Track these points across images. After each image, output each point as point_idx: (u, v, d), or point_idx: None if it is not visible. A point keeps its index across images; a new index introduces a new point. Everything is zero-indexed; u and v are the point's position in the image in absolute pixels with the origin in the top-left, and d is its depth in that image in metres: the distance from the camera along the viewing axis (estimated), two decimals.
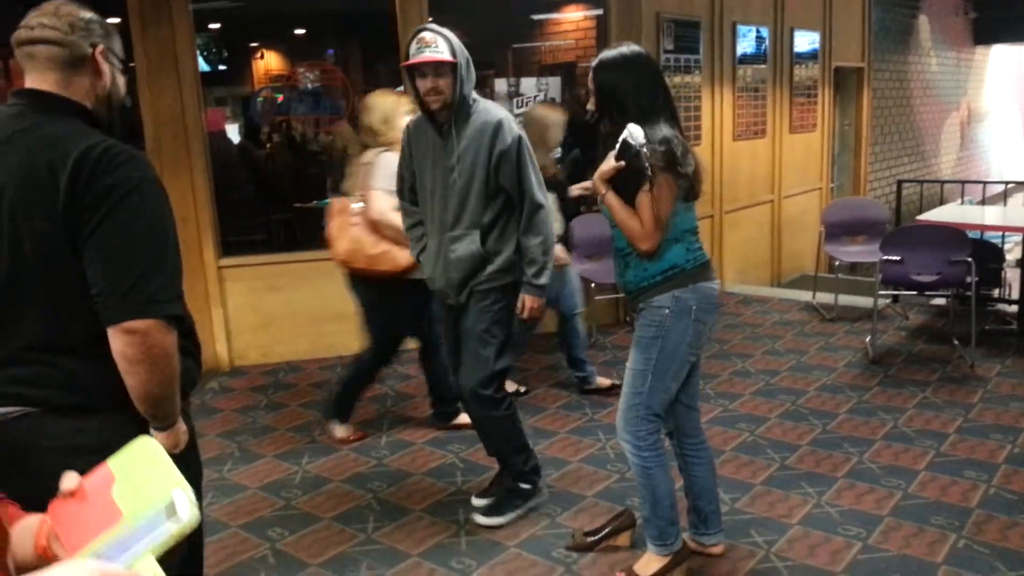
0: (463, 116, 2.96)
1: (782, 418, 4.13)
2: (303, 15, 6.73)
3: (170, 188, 5.33)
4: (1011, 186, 9.10)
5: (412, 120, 3.17)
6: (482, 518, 3.21)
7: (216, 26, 6.44)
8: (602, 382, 4.53)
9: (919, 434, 3.87)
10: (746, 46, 6.98)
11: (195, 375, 1.86)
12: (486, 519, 3.20)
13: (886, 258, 4.90)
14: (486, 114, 2.98)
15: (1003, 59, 15.07)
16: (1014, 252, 7.26)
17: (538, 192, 3.01)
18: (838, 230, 6.26)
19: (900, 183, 7.10)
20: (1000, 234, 6.22)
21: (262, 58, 7.12)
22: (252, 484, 3.63)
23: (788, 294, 6.89)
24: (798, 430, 3.98)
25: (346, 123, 6.13)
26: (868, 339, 5.21)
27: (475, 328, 3.07)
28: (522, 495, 3.27)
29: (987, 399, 4.27)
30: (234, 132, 6.85)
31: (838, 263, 6.26)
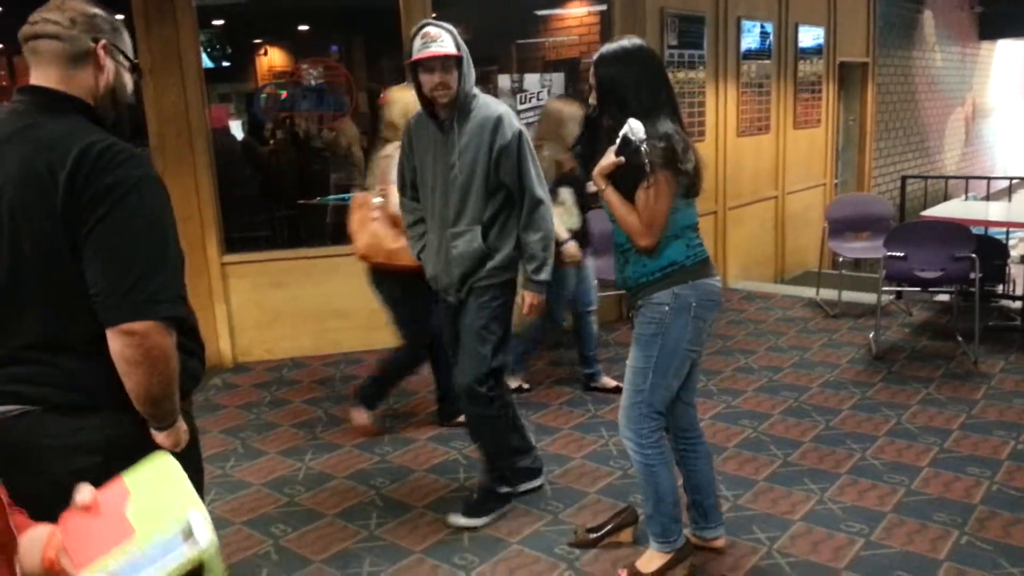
0: (464, 112, 2.95)
1: (785, 414, 4.13)
2: (307, 11, 6.73)
3: (173, 185, 5.37)
4: (1016, 182, 9.10)
5: (412, 117, 3.16)
6: (461, 519, 3.18)
7: (220, 23, 6.44)
8: (607, 382, 4.52)
9: (922, 430, 3.87)
10: (750, 41, 6.97)
11: (198, 374, 1.85)
12: (465, 520, 3.18)
13: (890, 254, 4.89)
14: (486, 109, 2.97)
15: (1008, 54, 15.02)
16: (1018, 248, 7.26)
17: (538, 187, 3.00)
18: (842, 226, 6.25)
19: (904, 179, 7.08)
20: (1004, 230, 6.20)
21: (266, 54, 7.13)
22: (255, 480, 3.65)
23: (792, 290, 6.88)
24: (801, 426, 3.98)
25: (349, 119, 6.14)
26: (871, 335, 5.20)
27: (473, 325, 3.06)
28: (500, 498, 3.25)
29: (991, 395, 4.27)
30: (238, 129, 6.86)
31: (842, 259, 6.26)
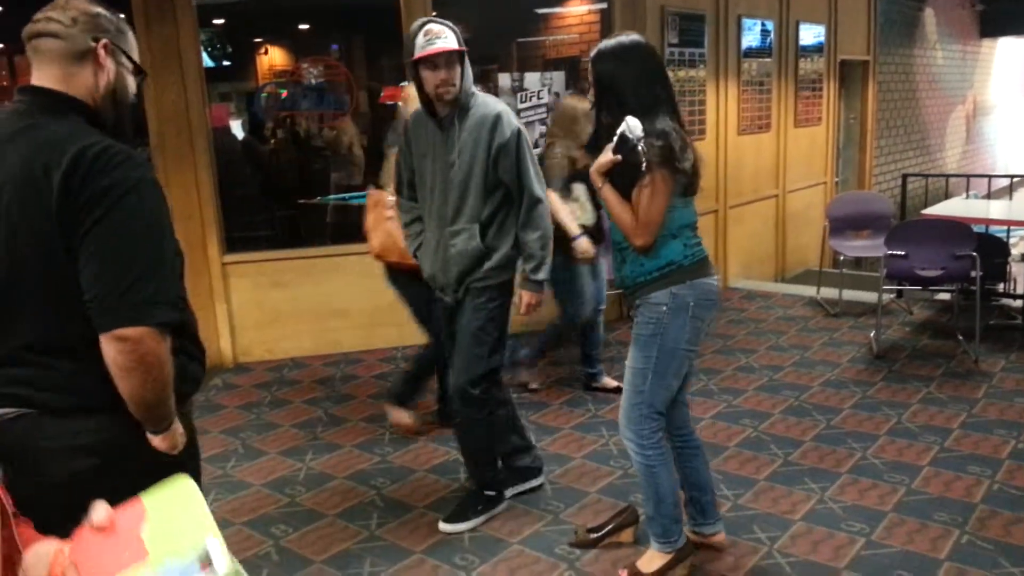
0: (464, 110, 2.95)
1: (785, 414, 4.13)
2: (307, 10, 6.72)
3: (174, 184, 5.34)
4: (1017, 180, 9.10)
5: (410, 115, 3.16)
6: (444, 525, 3.16)
7: (220, 22, 6.43)
8: (608, 382, 4.51)
9: (923, 430, 3.87)
10: (751, 39, 6.96)
11: (198, 378, 1.84)
12: (448, 525, 3.15)
13: (891, 253, 4.89)
14: (485, 107, 2.97)
15: (1009, 52, 15.00)
16: (1019, 247, 7.25)
17: (537, 186, 2.99)
18: (843, 225, 6.24)
19: (905, 177, 7.07)
20: (1005, 228, 6.19)
21: (266, 53, 7.12)
22: (256, 481, 3.65)
23: (792, 289, 6.87)
24: (801, 426, 3.97)
25: (350, 118, 6.14)
26: (872, 334, 5.20)
27: (469, 326, 3.05)
28: (486, 501, 3.22)
29: (991, 394, 4.26)
30: (238, 128, 6.85)
31: (842, 258, 6.25)
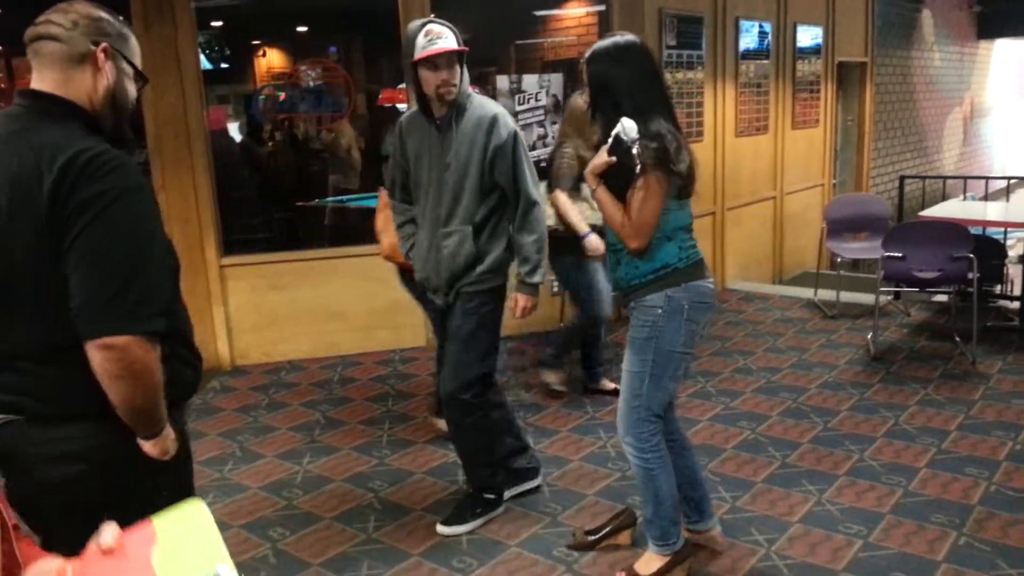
0: (461, 111, 2.95)
1: (783, 416, 4.13)
2: (305, 12, 6.72)
3: (171, 187, 5.34)
4: (1014, 182, 9.11)
5: (404, 117, 3.15)
6: (442, 527, 3.15)
7: (218, 24, 6.44)
8: (606, 385, 4.51)
9: (920, 431, 3.87)
10: (749, 41, 6.97)
11: (193, 385, 1.83)
12: (446, 528, 3.14)
13: (888, 254, 4.89)
14: (481, 109, 2.96)
15: (1007, 53, 15.02)
16: (1016, 248, 7.24)
17: (533, 189, 2.98)
18: (840, 226, 6.25)
19: (903, 179, 7.08)
20: (1002, 230, 6.20)
21: (264, 56, 7.11)
22: (253, 484, 3.64)
23: (790, 291, 6.88)
24: (799, 428, 3.98)
25: (348, 121, 6.14)
26: (870, 336, 5.20)
27: (460, 331, 3.04)
28: (484, 504, 3.22)
29: (988, 396, 4.27)
30: (236, 130, 6.84)
31: (840, 260, 6.26)
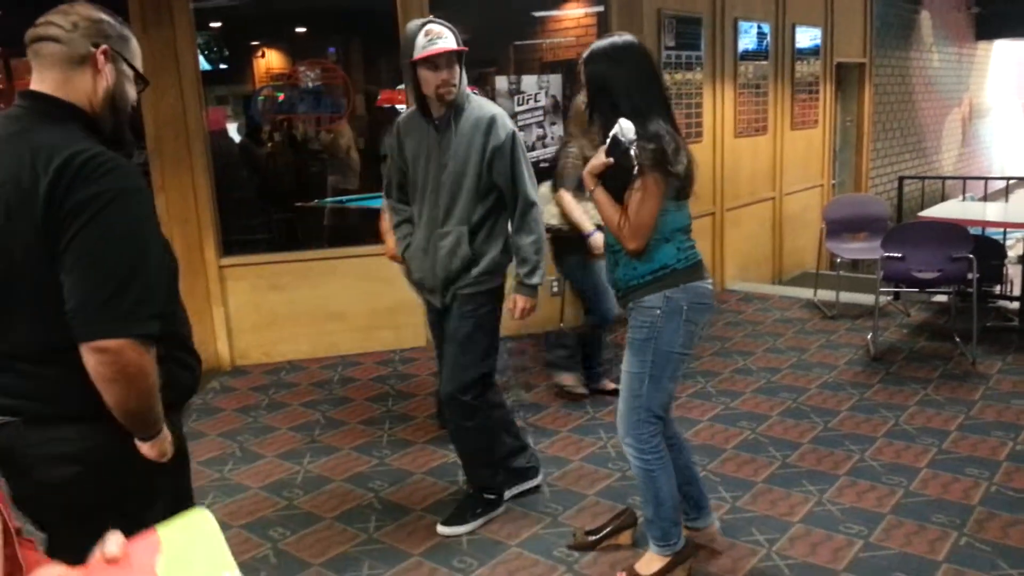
0: (459, 111, 2.94)
1: (783, 416, 4.13)
2: (304, 13, 6.72)
3: (171, 187, 5.34)
4: (1013, 182, 9.10)
5: (402, 117, 3.13)
6: (443, 527, 3.15)
7: (217, 25, 6.43)
8: (607, 385, 4.50)
9: (920, 432, 3.87)
10: (747, 42, 6.97)
11: (189, 386, 1.83)
12: (447, 528, 3.14)
13: (887, 255, 4.90)
14: (479, 110, 2.96)
15: (1005, 54, 15.04)
16: (1016, 248, 7.26)
17: (531, 190, 2.98)
18: (839, 227, 6.25)
19: (902, 179, 7.09)
20: (1002, 230, 6.20)
21: (263, 57, 7.11)
22: (253, 484, 3.64)
23: (789, 291, 6.88)
24: (799, 428, 3.98)
25: (347, 122, 6.13)
26: (869, 336, 5.20)
27: (457, 333, 3.03)
28: (485, 504, 3.21)
29: (988, 396, 4.27)
30: (235, 131, 6.84)
31: (839, 260, 6.26)
